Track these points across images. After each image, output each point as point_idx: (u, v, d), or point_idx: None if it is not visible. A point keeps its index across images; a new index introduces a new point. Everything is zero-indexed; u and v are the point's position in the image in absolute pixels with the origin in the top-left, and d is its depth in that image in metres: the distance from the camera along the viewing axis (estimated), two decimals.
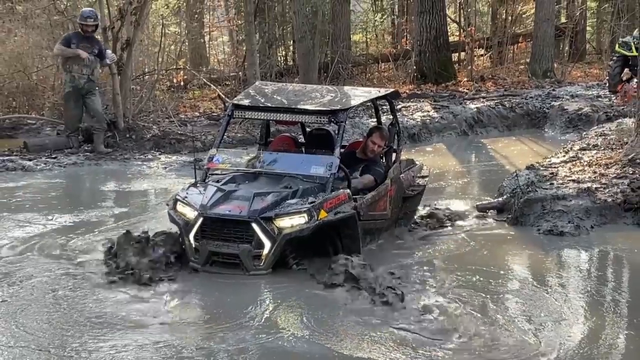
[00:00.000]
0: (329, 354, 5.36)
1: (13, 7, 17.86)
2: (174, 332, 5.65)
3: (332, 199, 6.92)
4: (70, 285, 6.55)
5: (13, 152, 12.61)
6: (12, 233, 8.19)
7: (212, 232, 6.84)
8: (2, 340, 5.48)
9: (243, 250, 6.74)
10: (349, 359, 5.29)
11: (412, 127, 15.34)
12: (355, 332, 5.69)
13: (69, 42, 12.44)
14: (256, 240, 6.73)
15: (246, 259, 6.74)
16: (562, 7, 27.70)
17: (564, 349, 5.45)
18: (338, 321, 5.90)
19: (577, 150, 11.01)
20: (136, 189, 10.83)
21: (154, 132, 13.91)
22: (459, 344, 5.49)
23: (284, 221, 6.72)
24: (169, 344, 5.43)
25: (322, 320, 5.88)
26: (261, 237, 6.70)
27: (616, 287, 6.99)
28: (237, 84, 18.79)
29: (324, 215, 6.78)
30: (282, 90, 8.51)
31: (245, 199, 6.83)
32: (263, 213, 6.71)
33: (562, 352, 5.40)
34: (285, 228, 6.71)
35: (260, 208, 6.72)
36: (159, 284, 6.57)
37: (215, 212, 6.80)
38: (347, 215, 7.00)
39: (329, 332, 5.68)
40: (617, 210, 8.70)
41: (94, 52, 12.41)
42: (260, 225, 6.68)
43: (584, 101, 17.17)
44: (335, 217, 6.89)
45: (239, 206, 6.79)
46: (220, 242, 6.82)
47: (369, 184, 7.73)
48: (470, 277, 7.00)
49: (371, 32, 26.99)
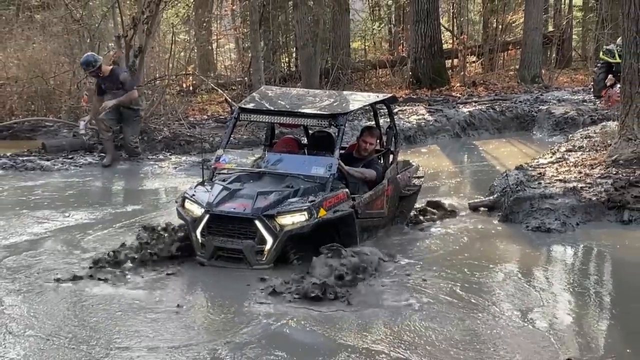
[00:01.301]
0: (331, 344, 5.37)
1: (32, 15, 17.90)
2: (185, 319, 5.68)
3: (331, 198, 6.95)
4: (85, 278, 6.54)
5: (32, 153, 12.61)
6: (31, 229, 8.20)
7: (218, 228, 6.86)
8: (19, 329, 5.50)
9: (246, 246, 6.76)
10: (346, 348, 5.31)
11: (408, 130, 15.35)
12: (352, 325, 5.68)
13: (99, 85, 11.92)
14: (259, 237, 6.75)
15: (249, 254, 6.76)
16: (550, 17, 27.74)
17: (548, 337, 5.45)
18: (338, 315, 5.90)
19: (564, 151, 11.02)
20: (148, 188, 10.86)
21: (165, 134, 13.93)
22: (449, 337, 5.50)
23: (285, 219, 6.74)
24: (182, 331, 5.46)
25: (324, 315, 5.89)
26: (264, 234, 6.73)
27: (599, 280, 7.00)
28: (243, 88, 18.81)
29: (324, 213, 6.81)
30: (286, 94, 8.52)
31: (249, 198, 6.85)
32: (266, 211, 6.73)
33: (546, 340, 5.40)
34: (287, 225, 6.73)
35: (263, 206, 6.75)
36: (169, 275, 6.63)
37: (221, 209, 6.82)
38: (345, 214, 7.02)
39: (330, 323, 5.69)
40: (601, 208, 8.71)
41: (120, 86, 11.74)
42: (263, 222, 6.71)
43: (570, 105, 17.19)
44: (334, 215, 6.91)
45: (243, 204, 6.81)
46: (225, 238, 6.84)
47: (370, 177, 7.77)
48: (462, 270, 7.00)
49: (369, 39, 27.04)
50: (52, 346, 5.20)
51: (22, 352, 5.10)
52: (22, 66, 15.83)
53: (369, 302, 6.07)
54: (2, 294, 6.16)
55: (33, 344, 5.22)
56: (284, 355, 5.15)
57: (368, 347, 5.29)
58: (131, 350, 5.17)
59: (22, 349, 5.16)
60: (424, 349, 5.25)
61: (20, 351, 5.12)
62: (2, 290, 6.25)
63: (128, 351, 5.15)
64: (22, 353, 5.10)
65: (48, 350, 5.13)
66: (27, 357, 5.04)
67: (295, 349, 5.28)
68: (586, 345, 5.43)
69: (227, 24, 26.29)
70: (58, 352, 5.11)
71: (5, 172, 11.34)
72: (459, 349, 5.24)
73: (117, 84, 11.66)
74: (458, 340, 5.41)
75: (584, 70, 25.02)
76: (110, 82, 11.67)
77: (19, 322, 5.60)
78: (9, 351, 5.12)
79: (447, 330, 5.57)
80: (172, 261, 6.90)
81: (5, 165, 11.61)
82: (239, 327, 5.57)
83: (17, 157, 12.12)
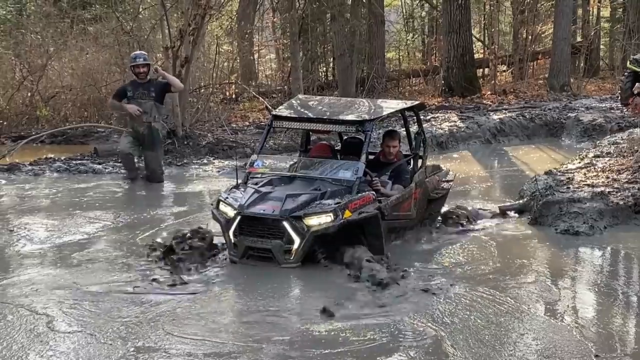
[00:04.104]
0: (351, 343, 5.35)
1: (85, 28, 18.16)
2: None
3: (357, 200, 6.93)
4: (132, 275, 6.64)
5: (84, 157, 12.79)
6: (83, 228, 8.32)
7: (249, 228, 6.89)
8: (75, 312, 5.63)
9: (275, 245, 6.78)
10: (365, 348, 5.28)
11: (440, 136, 15.26)
12: (377, 322, 5.64)
13: (124, 92, 10.88)
14: (287, 237, 6.76)
15: (278, 253, 6.78)
16: (578, 28, 27.42)
17: (578, 335, 5.40)
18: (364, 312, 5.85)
19: (592, 157, 10.87)
20: (193, 190, 10.93)
21: (209, 140, 14.03)
22: (483, 335, 5.46)
23: (312, 220, 6.74)
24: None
25: (348, 312, 5.85)
26: (291, 234, 6.74)
27: (626, 282, 6.89)
28: (282, 96, 18.88)
29: (349, 214, 6.80)
30: (319, 102, 8.54)
31: (279, 200, 6.88)
32: (293, 212, 6.74)
33: (575, 337, 5.35)
34: (313, 226, 6.73)
35: (291, 208, 6.76)
36: (204, 274, 6.71)
37: (252, 211, 6.86)
38: (370, 215, 6.99)
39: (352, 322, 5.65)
40: (628, 212, 8.59)
41: (152, 97, 10.73)
42: (291, 223, 6.72)
43: (597, 113, 16.96)
44: (359, 217, 6.90)
45: (272, 206, 6.84)
46: (255, 238, 6.86)
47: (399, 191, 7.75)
48: (491, 271, 6.96)
49: (403, 50, 27.01)
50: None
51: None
52: (76, 75, 16.09)
53: (399, 304, 6.03)
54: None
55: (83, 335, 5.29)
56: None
57: (388, 346, 5.27)
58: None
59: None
60: (461, 347, 5.21)
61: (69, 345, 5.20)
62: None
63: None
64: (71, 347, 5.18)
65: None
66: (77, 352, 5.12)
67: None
68: (613, 343, 5.36)
69: (268, 35, 26.42)
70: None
71: (59, 175, 11.52)
72: (495, 345, 5.21)
73: (151, 94, 10.73)
74: (492, 336, 5.37)
75: (611, 79, 24.68)
76: (145, 88, 10.73)
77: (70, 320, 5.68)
78: (58, 346, 5.21)
79: (478, 329, 5.53)
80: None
81: (60, 169, 11.80)
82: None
83: (71, 161, 12.31)
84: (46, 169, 11.79)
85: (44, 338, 5.24)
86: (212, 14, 15.78)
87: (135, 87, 10.81)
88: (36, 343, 5.15)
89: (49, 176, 11.50)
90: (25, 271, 6.74)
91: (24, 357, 4.95)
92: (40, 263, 7.03)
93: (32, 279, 6.50)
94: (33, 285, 6.33)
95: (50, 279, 6.52)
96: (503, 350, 5.17)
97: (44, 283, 6.38)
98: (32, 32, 17.66)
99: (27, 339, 5.22)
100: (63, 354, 5.01)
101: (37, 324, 5.48)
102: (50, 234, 8.03)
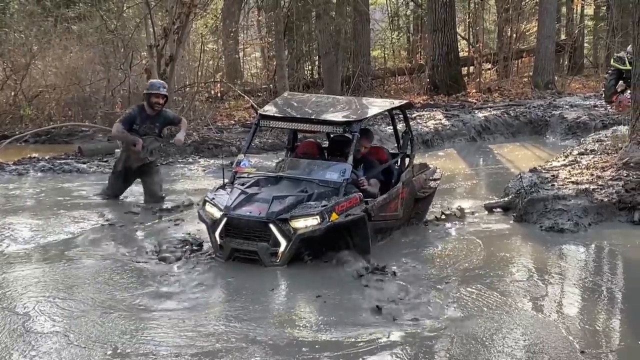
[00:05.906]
0: (342, 341, 5.35)
1: (69, 27, 18.06)
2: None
3: (343, 202, 6.90)
4: (117, 271, 6.66)
5: (69, 156, 12.73)
6: (68, 228, 8.26)
7: (235, 230, 6.85)
8: (59, 312, 5.65)
9: (261, 248, 6.75)
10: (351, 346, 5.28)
11: (426, 134, 15.31)
12: (364, 321, 5.64)
13: (132, 121, 9.39)
14: (273, 239, 6.73)
15: (264, 255, 6.75)
16: (562, 26, 27.58)
17: (563, 331, 5.41)
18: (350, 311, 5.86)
19: (576, 154, 10.92)
20: (179, 189, 10.88)
21: (194, 139, 14.00)
22: (470, 332, 5.47)
23: (298, 222, 6.71)
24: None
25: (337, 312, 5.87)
26: (278, 236, 6.71)
27: (610, 278, 6.91)
28: (268, 95, 18.88)
29: (335, 217, 6.77)
30: (305, 101, 8.50)
31: (265, 202, 6.84)
32: (280, 215, 6.71)
33: (560, 333, 5.37)
34: (300, 228, 6.70)
35: (277, 210, 6.72)
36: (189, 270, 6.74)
37: (238, 212, 6.82)
38: (357, 217, 6.96)
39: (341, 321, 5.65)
40: (612, 209, 8.63)
41: (155, 132, 9.57)
42: (277, 226, 6.69)
43: (582, 110, 17.06)
44: (345, 219, 6.86)
45: (259, 208, 6.81)
46: (241, 240, 6.83)
47: (377, 185, 7.74)
48: (478, 268, 6.97)
49: (389, 48, 27.05)
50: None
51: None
52: (60, 74, 16.01)
53: (387, 302, 6.03)
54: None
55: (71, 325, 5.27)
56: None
57: (387, 342, 5.27)
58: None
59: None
60: (451, 343, 5.23)
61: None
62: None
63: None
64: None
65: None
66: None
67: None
68: (599, 339, 5.38)
69: (253, 33, 26.39)
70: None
71: (44, 175, 11.46)
72: (483, 343, 5.21)
73: (155, 129, 9.55)
74: (481, 332, 5.38)
75: (595, 77, 24.83)
76: (152, 122, 9.49)
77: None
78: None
79: (468, 325, 5.53)
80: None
81: (44, 168, 11.73)
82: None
83: (55, 160, 12.25)
84: (30, 169, 11.72)
85: (27, 338, 5.19)
86: (196, 12, 15.75)
87: (143, 119, 9.44)
88: (19, 343, 5.11)
89: (33, 176, 11.43)
90: (10, 271, 6.68)
91: (7, 357, 4.91)
92: (24, 263, 6.96)
93: (16, 279, 6.45)
94: (17, 285, 6.28)
95: (34, 279, 6.47)
96: (492, 347, 5.18)
97: (28, 283, 6.33)
98: (16, 30, 17.56)
99: (10, 338, 5.18)
100: (46, 354, 4.96)
101: (21, 324, 5.43)
102: (35, 234, 7.97)
